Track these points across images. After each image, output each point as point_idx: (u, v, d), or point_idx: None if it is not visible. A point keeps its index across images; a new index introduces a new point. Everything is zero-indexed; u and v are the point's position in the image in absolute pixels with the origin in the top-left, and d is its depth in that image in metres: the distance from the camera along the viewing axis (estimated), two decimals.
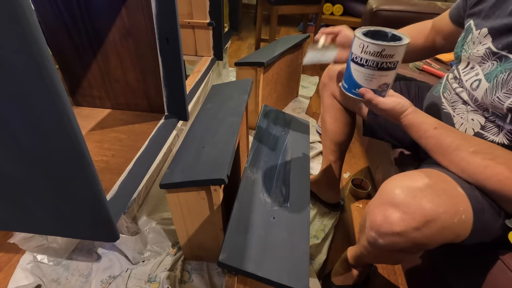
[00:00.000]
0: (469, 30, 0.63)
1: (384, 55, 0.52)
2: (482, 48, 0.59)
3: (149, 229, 0.88)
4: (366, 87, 0.57)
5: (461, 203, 0.51)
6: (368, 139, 1.32)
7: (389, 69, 0.55)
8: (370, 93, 0.57)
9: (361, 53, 0.54)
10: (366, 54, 0.53)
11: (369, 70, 0.55)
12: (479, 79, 0.59)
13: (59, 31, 0.89)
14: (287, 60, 1.57)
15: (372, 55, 0.53)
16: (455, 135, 0.57)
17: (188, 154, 0.79)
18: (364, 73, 0.56)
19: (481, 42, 0.59)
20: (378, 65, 0.54)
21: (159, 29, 0.83)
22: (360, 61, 0.55)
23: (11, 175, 0.52)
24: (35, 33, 0.36)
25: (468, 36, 0.63)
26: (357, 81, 0.57)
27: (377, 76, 0.55)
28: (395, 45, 0.51)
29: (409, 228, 0.49)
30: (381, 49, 0.52)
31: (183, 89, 0.93)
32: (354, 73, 0.57)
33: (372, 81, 0.56)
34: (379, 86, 0.57)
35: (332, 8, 3.23)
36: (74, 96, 1.04)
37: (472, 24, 0.62)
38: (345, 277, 0.84)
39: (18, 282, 0.83)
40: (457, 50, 0.67)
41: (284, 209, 0.67)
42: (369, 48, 0.52)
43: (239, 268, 0.54)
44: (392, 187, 0.53)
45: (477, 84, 0.59)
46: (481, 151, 0.54)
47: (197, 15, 1.38)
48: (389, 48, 0.51)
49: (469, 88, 0.61)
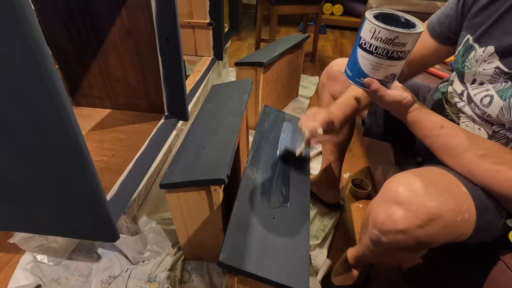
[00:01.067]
0: (469, 47, 0.60)
1: (396, 43, 0.47)
2: (489, 67, 0.56)
3: (149, 229, 0.88)
4: (372, 77, 0.53)
5: (464, 202, 0.51)
6: (368, 139, 1.32)
7: (399, 59, 0.50)
8: (376, 84, 0.53)
9: (371, 39, 0.48)
10: (377, 41, 0.48)
11: (378, 59, 0.50)
12: (491, 95, 0.56)
13: (59, 31, 0.89)
14: (287, 60, 1.57)
15: (383, 42, 0.47)
16: (462, 135, 0.55)
17: (188, 154, 0.79)
18: (372, 61, 0.50)
19: (486, 61, 0.56)
20: (389, 54, 0.49)
21: (159, 29, 0.83)
22: (369, 47, 0.49)
23: (11, 175, 0.52)
24: (35, 33, 0.36)
25: (469, 53, 0.59)
26: (363, 70, 0.52)
27: (386, 65, 0.50)
28: (410, 32, 0.46)
29: (412, 226, 0.49)
30: (394, 36, 0.46)
31: (183, 89, 0.93)
32: (361, 61, 0.52)
33: (380, 70, 0.51)
34: (386, 77, 0.53)
35: (332, 8, 3.23)
36: (74, 96, 1.04)
37: (472, 40, 0.59)
38: (345, 277, 0.84)
39: (18, 282, 0.83)
40: (457, 66, 0.63)
41: (284, 209, 0.67)
42: (381, 34, 0.47)
43: (239, 268, 0.54)
44: (395, 185, 0.52)
45: (489, 101, 0.56)
46: (491, 155, 0.53)
47: (197, 15, 1.38)
48: (403, 35, 0.46)
49: (479, 103, 0.58)
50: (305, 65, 2.31)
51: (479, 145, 0.54)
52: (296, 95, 1.88)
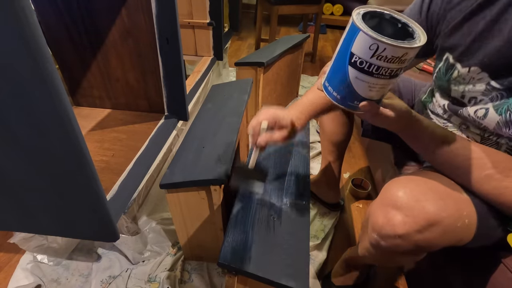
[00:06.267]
0: (450, 66, 0.58)
1: (403, 59, 0.38)
2: (480, 84, 0.54)
3: (149, 229, 0.88)
4: (369, 99, 0.43)
5: (465, 208, 0.51)
6: (368, 139, 1.32)
7: (399, 75, 0.41)
8: (375, 107, 0.44)
9: (371, 58, 0.38)
10: (380, 60, 0.37)
11: (379, 79, 0.40)
12: (486, 108, 0.54)
13: (59, 31, 0.89)
14: (287, 60, 1.57)
15: (388, 61, 0.37)
16: (466, 152, 0.52)
17: (188, 154, 0.79)
18: (371, 83, 0.40)
19: (474, 78, 0.54)
20: (392, 73, 0.39)
21: (159, 29, 0.83)
22: (369, 68, 0.39)
23: (11, 175, 0.52)
24: (35, 33, 0.36)
25: (452, 72, 0.58)
26: (359, 92, 0.42)
27: (386, 85, 0.41)
28: (418, 46, 0.37)
29: (412, 231, 0.49)
30: (403, 53, 0.37)
31: (183, 89, 0.93)
32: (355, 83, 0.41)
33: (379, 91, 0.42)
34: (383, 95, 0.44)
35: (332, 8, 3.23)
36: (74, 96, 1.04)
37: (452, 59, 0.57)
38: (345, 277, 0.84)
39: (18, 282, 0.83)
40: (440, 83, 0.61)
41: (284, 209, 0.67)
42: (387, 51, 0.36)
43: (239, 268, 0.54)
44: (395, 189, 0.52)
45: (484, 113, 0.54)
46: (495, 176, 0.50)
47: (197, 15, 1.38)
48: (412, 50, 0.37)
49: (473, 115, 0.56)
50: (305, 65, 2.31)
51: (485, 164, 0.51)
52: (296, 95, 1.88)
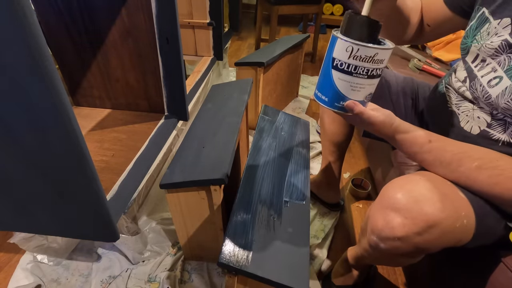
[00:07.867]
0: (484, 20, 0.57)
1: (376, 60, 0.45)
2: (497, 39, 0.54)
3: (149, 229, 0.88)
4: (353, 99, 0.49)
5: (463, 208, 0.51)
6: (369, 139, 1.32)
7: (377, 77, 0.48)
8: (359, 106, 0.49)
9: (348, 59, 0.45)
10: (356, 60, 0.45)
11: (359, 79, 0.47)
12: (500, 76, 0.54)
13: (59, 31, 0.89)
14: (287, 60, 1.57)
15: (363, 61, 0.45)
16: (452, 148, 0.54)
17: (188, 154, 0.79)
18: (352, 82, 0.47)
19: (497, 33, 0.54)
20: (369, 72, 0.46)
21: (159, 29, 0.83)
22: (348, 68, 0.46)
23: (11, 175, 0.52)
24: (35, 34, 0.36)
25: (483, 26, 0.57)
26: (342, 92, 0.48)
27: (366, 85, 0.48)
28: (386, 48, 0.45)
29: (411, 233, 0.49)
30: (374, 53, 0.44)
31: (183, 89, 0.93)
32: (338, 83, 0.48)
33: (360, 91, 0.48)
34: (365, 97, 0.49)
35: (332, 8, 3.24)
36: (74, 96, 1.04)
37: (487, 13, 0.57)
38: (345, 277, 0.84)
39: (18, 282, 0.83)
40: (466, 41, 0.61)
41: (284, 209, 0.67)
42: (360, 52, 0.44)
43: (239, 268, 0.54)
44: (393, 192, 0.52)
45: (497, 82, 0.54)
46: (486, 166, 0.51)
47: (197, 15, 1.38)
48: (382, 52, 0.44)
49: (486, 84, 0.56)
50: (305, 65, 2.32)
51: (471, 156, 0.53)
52: (296, 95, 1.88)
